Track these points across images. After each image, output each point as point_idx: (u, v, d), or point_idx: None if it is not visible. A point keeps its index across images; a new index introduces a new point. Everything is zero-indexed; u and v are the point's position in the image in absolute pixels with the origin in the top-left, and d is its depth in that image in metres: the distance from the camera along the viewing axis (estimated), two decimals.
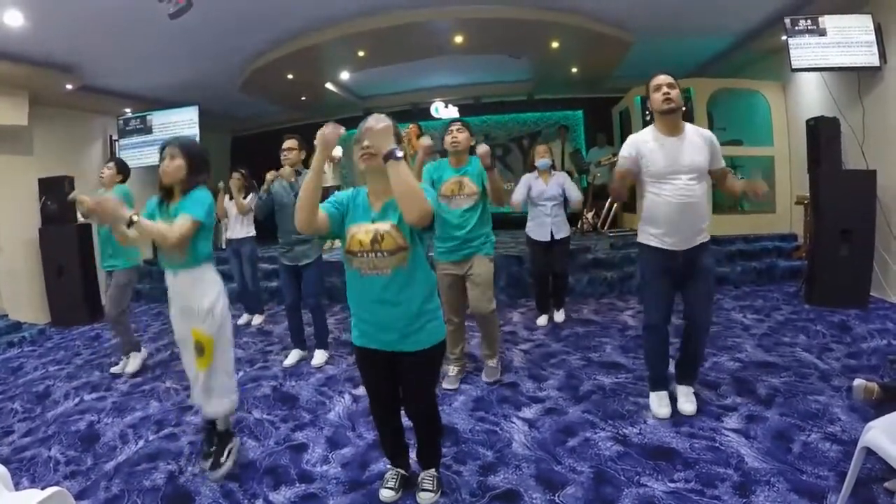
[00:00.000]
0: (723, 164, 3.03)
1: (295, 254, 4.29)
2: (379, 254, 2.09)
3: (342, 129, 2.08)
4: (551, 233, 4.91)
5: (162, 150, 2.68)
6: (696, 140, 2.91)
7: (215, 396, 2.70)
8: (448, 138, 3.69)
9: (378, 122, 2.03)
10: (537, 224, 4.99)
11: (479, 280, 3.61)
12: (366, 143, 2.07)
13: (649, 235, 3.00)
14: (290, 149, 4.30)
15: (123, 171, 4.61)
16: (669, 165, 2.86)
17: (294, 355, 4.53)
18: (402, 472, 2.53)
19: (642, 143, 2.94)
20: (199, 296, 2.64)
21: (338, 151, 7.46)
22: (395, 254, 2.09)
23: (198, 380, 2.69)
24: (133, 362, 4.53)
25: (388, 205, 2.12)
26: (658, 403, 3.11)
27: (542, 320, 5.21)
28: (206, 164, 2.77)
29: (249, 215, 5.67)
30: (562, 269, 5.12)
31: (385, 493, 2.44)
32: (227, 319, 2.73)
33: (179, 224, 2.53)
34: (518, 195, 4.89)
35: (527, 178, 5.01)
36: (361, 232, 2.12)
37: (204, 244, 2.69)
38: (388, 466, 2.56)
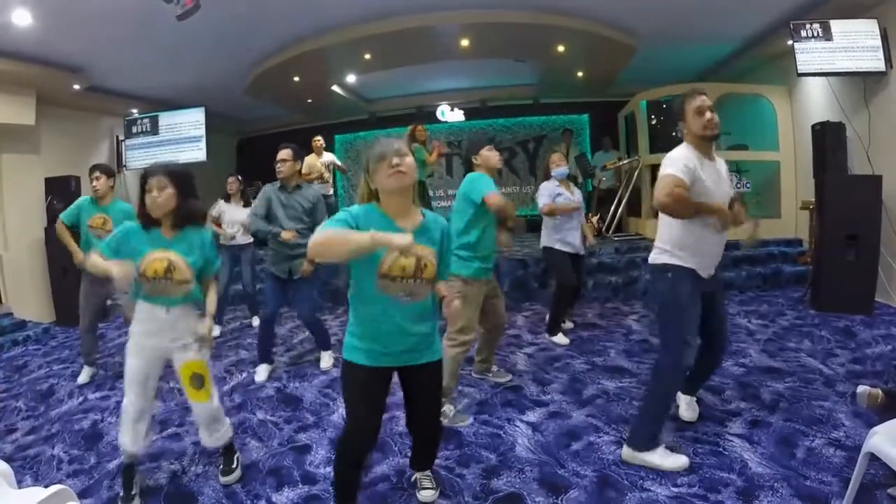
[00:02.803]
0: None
1: (288, 266, 4.12)
2: (419, 281, 1.99)
3: None
4: (579, 245, 4.75)
5: (144, 179, 2.41)
6: (725, 170, 2.74)
7: (219, 426, 2.68)
8: (496, 157, 3.56)
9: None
10: (564, 236, 4.68)
11: (500, 293, 3.71)
12: (395, 160, 1.93)
13: (682, 258, 2.62)
14: (283, 160, 4.07)
15: (112, 175, 4.41)
16: (720, 192, 2.61)
17: (263, 371, 4.28)
18: None
19: (696, 164, 2.55)
20: (195, 324, 2.55)
21: (328, 157, 7.49)
22: (431, 283, 2.03)
23: (201, 413, 2.61)
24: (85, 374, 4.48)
25: (424, 227, 2.04)
26: (673, 460, 2.61)
27: (563, 339, 4.75)
28: (195, 190, 2.55)
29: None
30: (582, 282, 5.05)
31: None
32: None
33: (213, 286, 2.64)
34: (546, 197, 4.65)
35: (549, 188, 4.70)
36: (403, 256, 1.95)
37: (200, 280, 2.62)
38: None
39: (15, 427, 3.52)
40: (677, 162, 2.51)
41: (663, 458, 2.61)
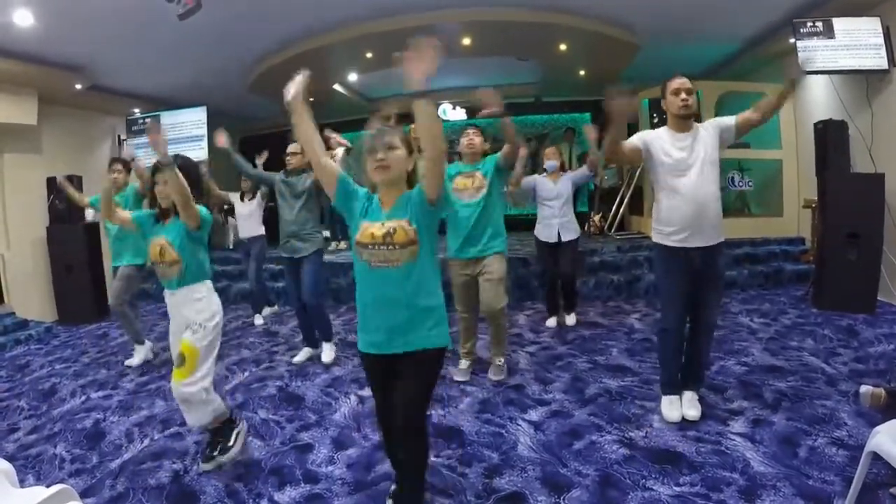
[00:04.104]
0: (734, 117, 3.03)
1: (292, 246, 4.33)
2: (391, 246, 2.06)
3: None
4: (558, 234, 4.90)
5: (153, 173, 2.76)
6: (705, 134, 2.96)
7: (194, 410, 2.73)
8: (464, 140, 3.82)
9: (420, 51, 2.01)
10: (544, 225, 5.00)
11: (490, 277, 3.71)
12: (379, 155, 2.05)
13: (665, 235, 3.00)
14: (293, 153, 4.36)
15: (129, 168, 4.76)
16: (687, 157, 2.91)
17: (304, 353, 4.55)
18: None
19: (655, 137, 3.00)
20: (196, 311, 2.75)
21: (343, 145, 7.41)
22: (407, 247, 2.06)
23: (173, 389, 2.73)
24: (137, 355, 4.68)
25: (398, 203, 2.10)
26: (669, 407, 3.08)
27: (552, 322, 5.19)
28: (200, 181, 2.85)
29: (259, 214, 5.94)
30: (569, 272, 5.06)
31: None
32: (217, 339, 2.81)
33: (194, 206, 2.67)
34: (525, 183, 4.95)
35: (534, 178, 5.12)
36: (375, 227, 2.09)
37: (200, 262, 2.80)
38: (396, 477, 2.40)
39: (17, 426, 3.53)
40: (635, 136, 3.07)
41: (665, 405, 3.12)
